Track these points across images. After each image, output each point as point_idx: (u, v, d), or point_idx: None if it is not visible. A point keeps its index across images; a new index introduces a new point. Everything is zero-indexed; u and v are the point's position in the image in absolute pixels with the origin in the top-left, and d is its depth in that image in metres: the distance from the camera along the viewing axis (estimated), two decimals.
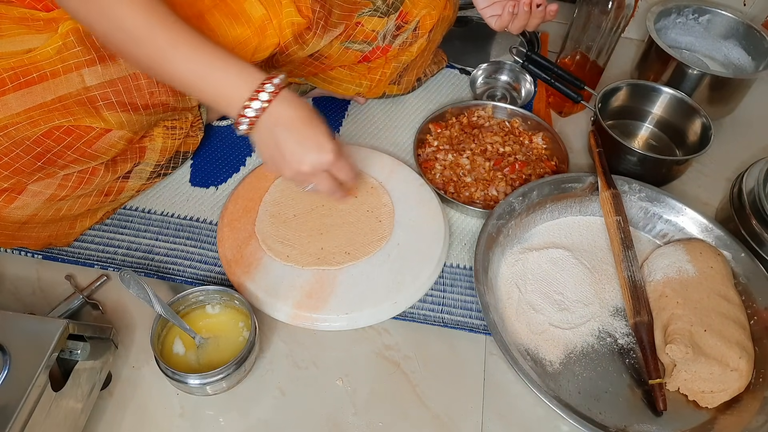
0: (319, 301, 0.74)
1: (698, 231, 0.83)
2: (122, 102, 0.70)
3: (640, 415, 0.68)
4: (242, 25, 0.73)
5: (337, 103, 1.02)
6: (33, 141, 0.65)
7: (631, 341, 0.74)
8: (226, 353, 0.66)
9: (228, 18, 0.72)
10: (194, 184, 0.88)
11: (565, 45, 1.02)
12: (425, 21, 0.88)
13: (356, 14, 0.85)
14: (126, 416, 0.65)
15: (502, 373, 0.72)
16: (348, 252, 0.79)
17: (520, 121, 0.99)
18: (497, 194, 0.88)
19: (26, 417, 0.51)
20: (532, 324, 0.74)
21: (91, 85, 0.68)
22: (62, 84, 0.66)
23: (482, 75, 1.09)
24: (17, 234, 0.71)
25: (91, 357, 0.60)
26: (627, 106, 1.01)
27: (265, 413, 0.67)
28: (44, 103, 0.65)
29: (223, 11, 0.72)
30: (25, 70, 0.65)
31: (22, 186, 0.68)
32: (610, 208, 0.82)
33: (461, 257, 0.83)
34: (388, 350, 0.73)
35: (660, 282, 0.76)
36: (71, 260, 0.77)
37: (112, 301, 0.74)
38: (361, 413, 0.67)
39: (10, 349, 0.54)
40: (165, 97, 0.73)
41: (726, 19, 1.10)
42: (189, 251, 0.80)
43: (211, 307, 0.69)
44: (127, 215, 0.83)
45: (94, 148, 0.69)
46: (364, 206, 0.84)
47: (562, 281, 0.78)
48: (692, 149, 0.94)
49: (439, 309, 0.77)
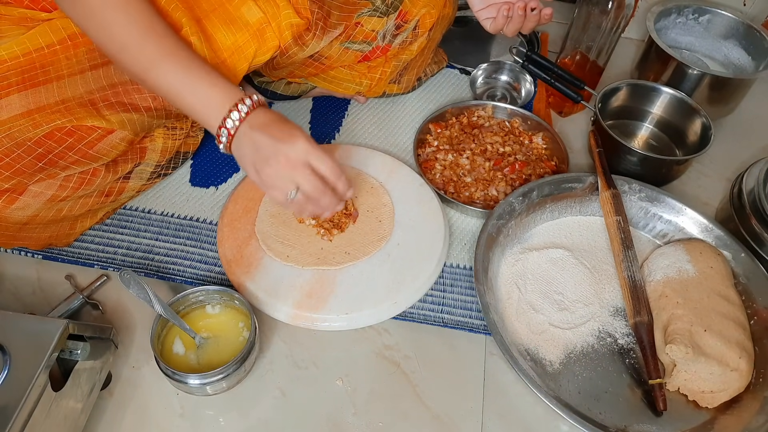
0: (319, 301, 0.74)
1: (698, 231, 0.83)
2: (123, 103, 0.70)
3: (640, 415, 0.68)
4: (240, 29, 0.72)
5: (338, 103, 1.02)
6: (34, 142, 0.65)
7: (631, 341, 0.74)
8: (226, 353, 0.66)
9: (226, 23, 0.72)
10: (194, 184, 0.88)
11: (565, 45, 1.02)
12: (425, 20, 0.88)
13: (355, 14, 0.85)
14: (126, 416, 0.65)
15: (502, 373, 0.72)
16: (348, 252, 0.79)
17: (520, 121, 0.99)
18: (497, 194, 0.88)
19: (26, 417, 0.51)
20: (532, 324, 0.74)
21: (93, 88, 0.68)
22: (65, 86, 0.66)
23: (482, 75, 1.09)
24: (18, 234, 0.71)
25: (91, 357, 0.60)
26: (627, 106, 1.01)
27: (265, 413, 0.67)
28: (47, 105, 0.65)
29: (221, 16, 0.72)
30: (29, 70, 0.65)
31: (23, 187, 0.68)
32: (610, 208, 0.82)
33: (461, 257, 0.83)
34: (388, 350, 0.73)
35: (660, 282, 0.76)
36: (71, 260, 0.77)
37: (112, 301, 0.74)
38: (361, 413, 0.67)
39: (10, 349, 0.54)
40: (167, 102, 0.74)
41: (726, 19, 1.10)
42: (189, 251, 0.80)
43: (211, 307, 0.69)
44: (127, 215, 0.83)
45: (96, 149, 0.69)
46: (364, 206, 0.84)
47: (562, 281, 0.78)
48: (692, 149, 0.94)
49: (439, 309, 0.77)
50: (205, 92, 0.63)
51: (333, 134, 0.97)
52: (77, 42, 0.67)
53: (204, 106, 0.63)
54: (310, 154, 0.64)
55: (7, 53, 0.64)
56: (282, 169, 0.63)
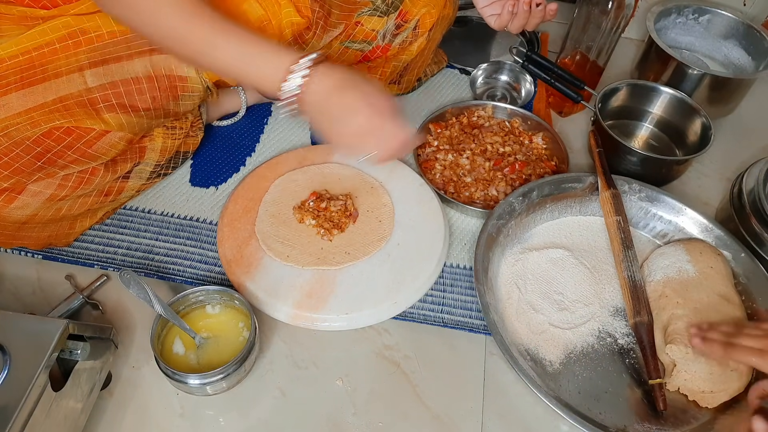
0: (319, 301, 0.74)
1: (698, 231, 0.83)
2: (123, 104, 0.70)
3: (640, 415, 0.68)
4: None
5: None
6: (33, 141, 0.65)
7: (631, 341, 0.74)
8: (226, 353, 0.66)
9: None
10: (194, 184, 0.88)
11: (565, 45, 1.02)
12: (425, 20, 0.88)
13: (356, 14, 0.84)
14: (126, 416, 0.65)
15: (502, 373, 0.72)
16: (348, 252, 0.79)
17: (520, 121, 0.99)
18: (497, 194, 0.88)
19: (26, 417, 0.51)
20: (532, 324, 0.74)
21: (92, 86, 0.68)
22: (64, 84, 0.66)
23: (482, 75, 1.09)
24: (17, 234, 0.71)
25: (91, 357, 0.60)
26: (627, 106, 1.01)
27: (265, 413, 0.67)
28: (45, 104, 0.65)
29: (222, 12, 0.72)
30: (28, 69, 0.65)
31: (22, 186, 0.68)
32: (610, 208, 0.82)
33: (461, 257, 0.83)
34: (388, 350, 0.73)
35: (660, 282, 0.76)
36: (71, 260, 0.77)
37: (112, 301, 0.74)
38: (361, 413, 0.67)
39: (10, 349, 0.54)
40: (166, 102, 0.74)
41: (726, 19, 1.10)
42: (189, 251, 0.80)
43: (211, 307, 0.69)
44: (127, 215, 0.83)
45: (95, 148, 0.69)
46: (364, 206, 0.84)
47: (562, 281, 0.78)
48: (692, 149, 0.94)
49: (439, 309, 0.77)
50: (261, 61, 0.63)
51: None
52: (78, 41, 0.67)
53: (263, 75, 0.64)
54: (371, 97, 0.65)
55: (5, 53, 0.64)
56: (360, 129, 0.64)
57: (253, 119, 0.98)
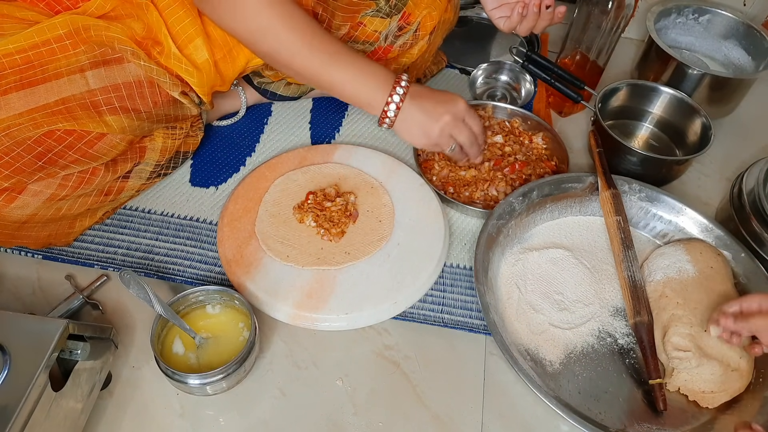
0: (319, 301, 0.74)
1: (698, 231, 0.83)
2: (125, 107, 0.70)
3: (640, 415, 0.68)
4: None
5: (338, 103, 1.02)
6: (34, 141, 0.65)
7: (631, 341, 0.74)
8: (226, 353, 0.66)
9: None
10: (194, 184, 0.88)
11: (565, 45, 1.02)
12: (426, 22, 0.88)
13: (359, 15, 0.84)
14: (126, 416, 0.65)
15: (502, 373, 0.72)
16: (348, 252, 0.79)
17: (520, 121, 0.99)
18: (497, 194, 0.88)
19: (26, 417, 0.51)
20: (532, 324, 0.74)
21: (95, 88, 0.68)
22: (65, 85, 0.66)
23: (482, 75, 1.09)
24: (17, 233, 0.71)
25: (91, 357, 0.60)
26: (627, 106, 1.01)
27: (265, 413, 0.67)
28: (47, 104, 0.65)
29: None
30: (27, 68, 0.65)
31: (22, 185, 0.68)
32: (610, 208, 0.82)
33: (461, 257, 0.83)
34: (388, 350, 0.73)
35: (660, 282, 0.76)
36: (71, 260, 0.77)
37: (112, 301, 0.74)
38: (361, 413, 0.67)
39: (10, 349, 0.54)
40: (167, 107, 0.74)
41: (726, 19, 1.10)
42: (189, 251, 0.80)
43: (211, 307, 0.69)
44: (127, 215, 0.83)
45: (95, 148, 0.69)
46: (364, 206, 0.84)
47: (562, 281, 0.78)
48: (692, 149, 0.94)
49: (439, 309, 0.77)
50: (369, 82, 0.73)
51: (333, 134, 0.97)
52: (75, 41, 0.67)
53: (369, 93, 0.74)
54: (467, 113, 0.79)
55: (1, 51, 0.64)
56: (447, 125, 0.76)
57: (253, 119, 0.98)
